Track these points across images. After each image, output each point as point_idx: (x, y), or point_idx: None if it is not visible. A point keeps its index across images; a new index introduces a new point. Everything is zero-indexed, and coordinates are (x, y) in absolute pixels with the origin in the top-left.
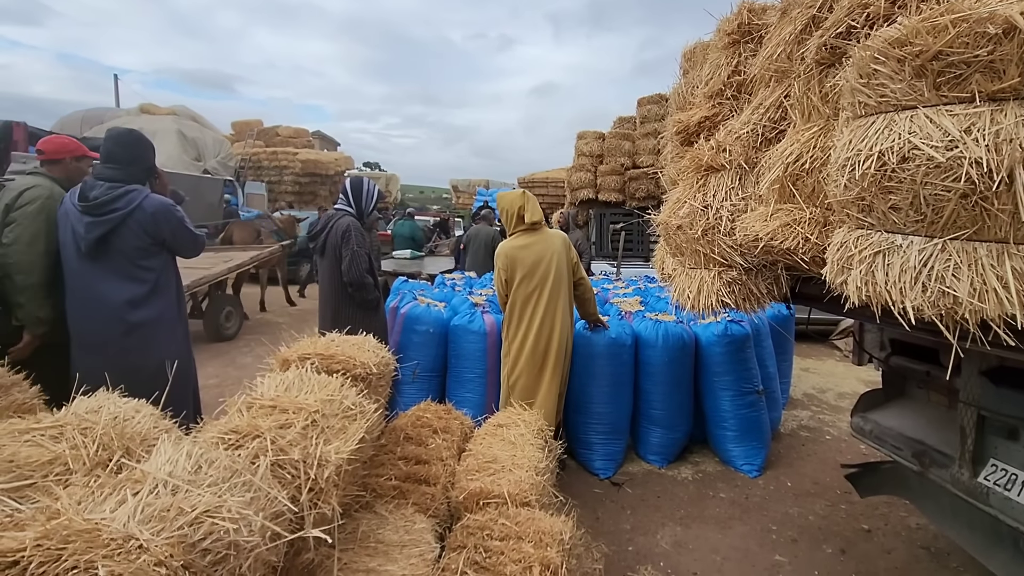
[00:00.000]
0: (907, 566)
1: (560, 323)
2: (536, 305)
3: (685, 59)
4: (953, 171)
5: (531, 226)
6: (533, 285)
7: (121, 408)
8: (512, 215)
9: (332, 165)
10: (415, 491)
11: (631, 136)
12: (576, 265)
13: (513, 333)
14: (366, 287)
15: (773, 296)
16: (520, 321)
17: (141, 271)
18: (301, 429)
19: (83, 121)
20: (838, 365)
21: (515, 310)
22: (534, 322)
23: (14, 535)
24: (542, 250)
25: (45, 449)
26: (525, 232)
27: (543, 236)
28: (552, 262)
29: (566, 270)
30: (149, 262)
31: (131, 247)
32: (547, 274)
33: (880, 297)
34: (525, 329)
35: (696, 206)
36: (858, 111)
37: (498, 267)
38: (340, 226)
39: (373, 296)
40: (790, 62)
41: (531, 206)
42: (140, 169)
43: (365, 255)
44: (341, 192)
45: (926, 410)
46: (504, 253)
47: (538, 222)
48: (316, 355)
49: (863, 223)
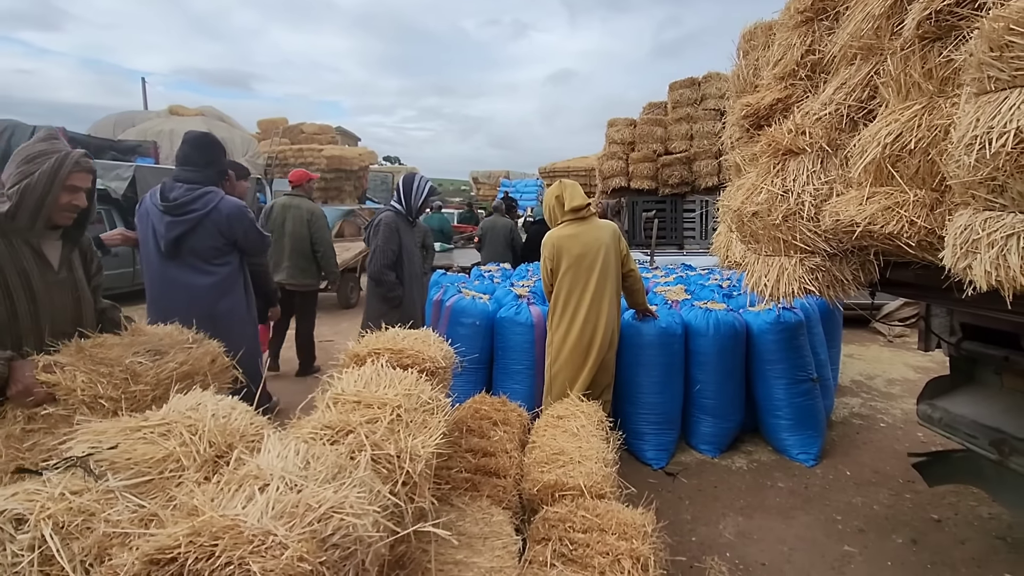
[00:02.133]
0: (984, 557)
1: (606, 316)
2: (581, 297)
3: (744, 40)
4: None
5: (575, 214)
6: (579, 276)
7: (219, 405)
8: (552, 206)
9: (356, 160)
10: (487, 483)
11: (663, 122)
12: (626, 256)
13: (556, 324)
14: (384, 283)
15: (859, 282)
16: (564, 313)
17: (213, 268)
18: (388, 424)
19: (115, 125)
20: (883, 350)
21: (559, 301)
22: (579, 314)
23: (169, 532)
24: (589, 240)
25: (158, 446)
26: (571, 222)
27: (591, 226)
28: (599, 253)
29: (614, 261)
30: (221, 260)
31: (206, 246)
32: (593, 265)
33: (1014, 282)
34: (569, 321)
35: (775, 191)
36: (987, 86)
37: (544, 256)
38: (374, 220)
39: (395, 293)
40: (879, 38)
41: (570, 192)
42: (215, 171)
43: (391, 251)
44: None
45: (1002, 396)
46: (551, 242)
47: (580, 207)
48: (386, 350)
49: (993, 204)
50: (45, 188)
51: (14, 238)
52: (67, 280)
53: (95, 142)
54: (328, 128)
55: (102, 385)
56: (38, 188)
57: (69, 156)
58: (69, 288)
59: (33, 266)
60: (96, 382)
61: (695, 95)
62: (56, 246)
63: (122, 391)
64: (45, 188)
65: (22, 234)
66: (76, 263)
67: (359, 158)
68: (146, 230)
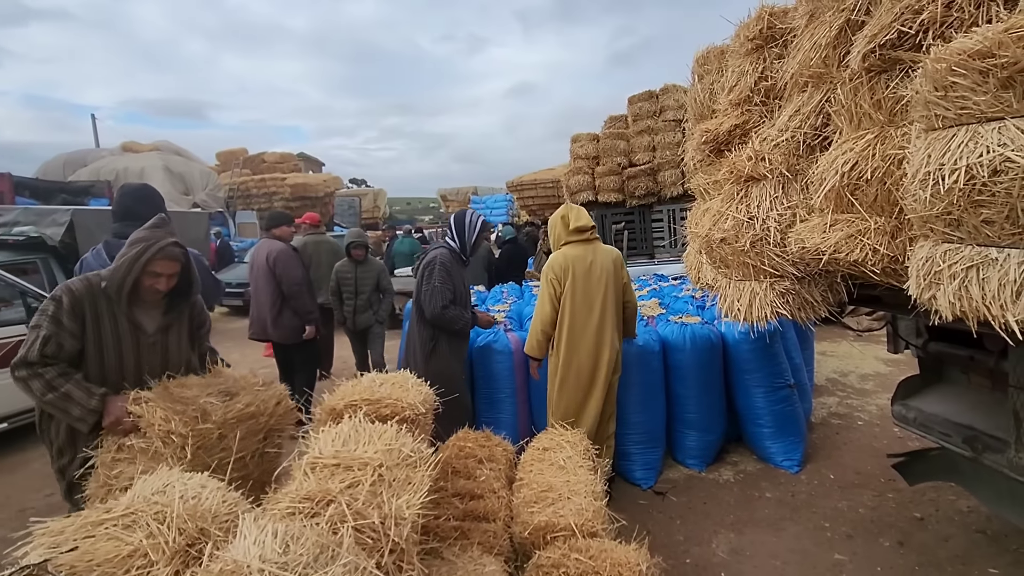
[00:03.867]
0: (968, 553)
1: (610, 343)
2: (588, 317)
3: (698, 64)
4: None
5: (580, 234)
6: (586, 296)
7: (188, 485)
8: (557, 227)
9: (321, 187)
10: (476, 529)
11: (625, 135)
12: (626, 285)
13: (562, 345)
14: (447, 318)
15: (829, 303)
16: (570, 337)
17: None
18: (370, 487)
19: (65, 164)
20: (853, 346)
21: (564, 321)
22: (583, 340)
23: None
24: (596, 262)
25: (122, 542)
26: (577, 243)
27: (596, 249)
28: (604, 275)
29: (615, 289)
30: None
31: None
32: (599, 286)
33: (977, 312)
34: (574, 347)
35: (741, 218)
36: (934, 123)
37: (548, 277)
38: (426, 259)
39: (463, 321)
40: (827, 67)
41: (575, 213)
42: None
43: (449, 291)
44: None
45: (970, 394)
46: (557, 262)
47: (585, 228)
48: (363, 401)
49: (950, 237)
50: (126, 273)
51: (116, 308)
52: (158, 343)
53: (43, 185)
54: (290, 156)
55: (175, 422)
56: (121, 272)
57: (151, 247)
58: (160, 350)
59: (126, 331)
60: (171, 419)
61: (654, 107)
62: (155, 315)
63: (191, 428)
64: (126, 273)
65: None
66: (176, 328)
67: (324, 184)
68: None
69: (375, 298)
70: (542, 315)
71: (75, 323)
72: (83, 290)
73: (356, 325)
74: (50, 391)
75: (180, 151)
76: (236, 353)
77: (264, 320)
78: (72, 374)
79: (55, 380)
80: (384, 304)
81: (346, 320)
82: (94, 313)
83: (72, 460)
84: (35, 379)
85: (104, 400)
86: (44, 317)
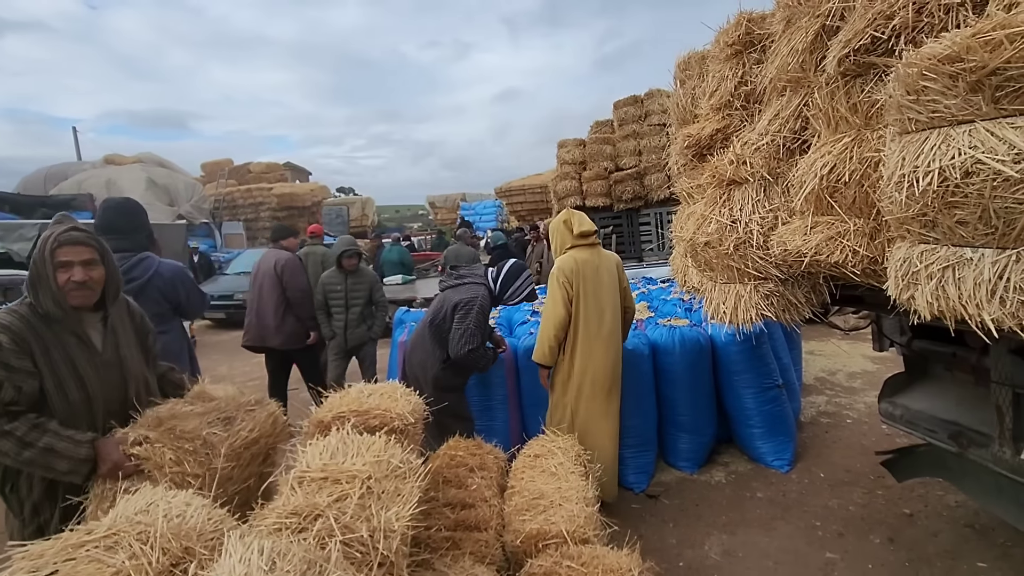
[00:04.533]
0: (956, 548)
1: (621, 347)
2: (600, 325)
3: (680, 69)
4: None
5: (584, 239)
6: (598, 299)
7: (172, 503)
8: (560, 232)
9: (308, 196)
10: (468, 539)
11: (611, 140)
12: (625, 290)
13: (576, 355)
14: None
15: (813, 304)
16: (585, 343)
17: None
18: (358, 500)
19: (47, 179)
20: (841, 344)
21: (577, 330)
22: (598, 345)
23: None
24: (602, 265)
25: (104, 564)
26: (582, 247)
27: (600, 253)
28: (610, 283)
29: (619, 292)
30: (164, 327)
31: (149, 314)
32: (607, 293)
33: (954, 312)
34: (589, 352)
35: (724, 222)
36: (907, 126)
37: (559, 281)
38: (465, 295)
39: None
40: (804, 72)
41: (578, 218)
42: (143, 236)
43: (480, 336)
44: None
45: (954, 390)
46: (567, 264)
47: (589, 232)
48: (351, 412)
49: (926, 238)
50: (43, 274)
51: (57, 330)
52: (113, 360)
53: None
54: (276, 166)
55: (189, 464)
56: (39, 276)
57: (50, 237)
58: (117, 369)
59: (79, 353)
60: (183, 460)
61: (639, 112)
62: (98, 327)
63: (205, 468)
64: (43, 274)
65: (62, 324)
66: (124, 340)
67: (311, 194)
68: None
69: (368, 312)
70: (555, 319)
71: (25, 360)
72: (18, 322)
73: (348, 342)
74: (26, 448)
75: (164, 162)
76: (224, 366)
77: (266, 326)
78: (46, 424)
79: (28, 435)
80: (378, 319)
81: (335, 335)
82: (40, 345)
83: (54, 514)
84: (3, 438)
85: (94, 446)
86: None
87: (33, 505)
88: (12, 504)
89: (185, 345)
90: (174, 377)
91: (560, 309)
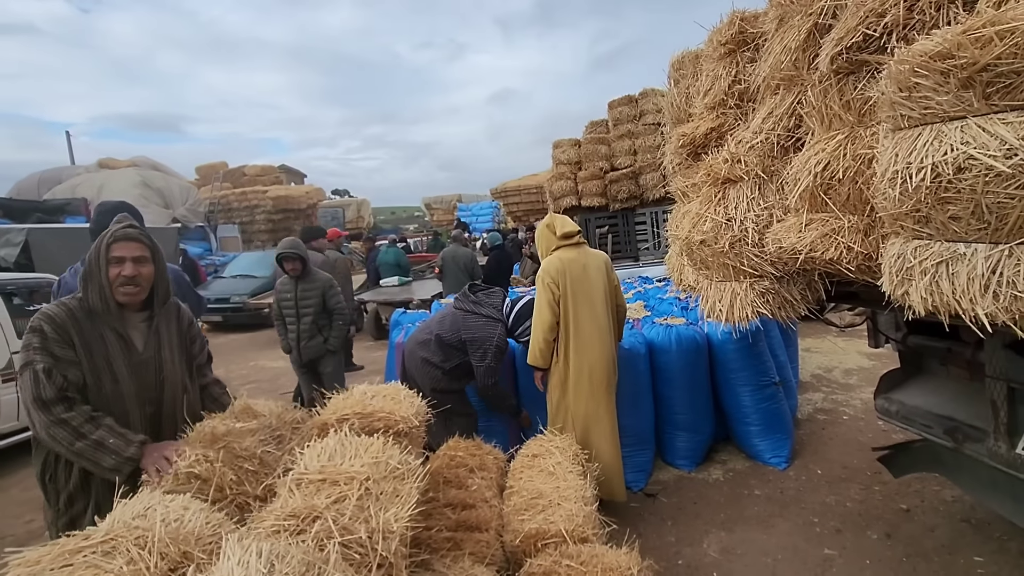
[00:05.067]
0: (953, 542)
1: (614, 344)
2: (592, 323)
3: (674, 69)
4: (1016, 178)
5: (568, 239)
6: (586, 298)
7: (169, 507)
8: (545, 236)
9: (304, 199)
10: (468, 540)
11: (606, 139)
12: (616, 288)
13: (570, 355)
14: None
15: (808, 301)
16: (577, 341)
17: None
18: (357, 501)
19: (40, 183)
20: (837, 341)
21: (568, 329)
22: (591, 342)
23: None
24: (588, 264)
25: (100, 570)
26: (567, 247)
27: (586, 252)
28: (598, 280)
29: (608, 290)
30: None
31: None
32: (596, 287)
33: (948, 306)
34: (583, 350)
35: (719, 220)
36: (900, 123)
37: (545, 282)
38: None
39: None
40: (797, 70)
41: (560, 221)
42: None
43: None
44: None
45: (949, 385)
46: (552, 266)
47: (572, 233)
48: (355, 414)
49: (920, 234)
50: (95, 269)
51: (100, 325)
52: (151, 360)
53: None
54: (271, 168)
55: (250, 484)
56: (91, 271)
57: (106, 234)
58: (154, 370)
59: (117, 351)
60: (245, 480)
61: (634, 111)
62: (141, 328)
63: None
64: (95, 269)
65: (104, 320)
66: (167, 342)
67: (306, 196)
68: None
69: (325, 321)
70: (542, 321)
71: (68, 350)
72: (62, 313)
73: (302, 356)
74: (79, 439)
75: (158, 166)
76: (221, 369)
77: None
78: (101, 419)
79: (84, 426)
80: (335, 329)
81: (291, 350)
82: (82, 339)
83: (87, 507)
84: (58, 427)
85: (143, 448)
86: (33, 351)
87: (68, 495)
88: (50, 494)
89: None
90: (215, 391)
91: (546, 312)
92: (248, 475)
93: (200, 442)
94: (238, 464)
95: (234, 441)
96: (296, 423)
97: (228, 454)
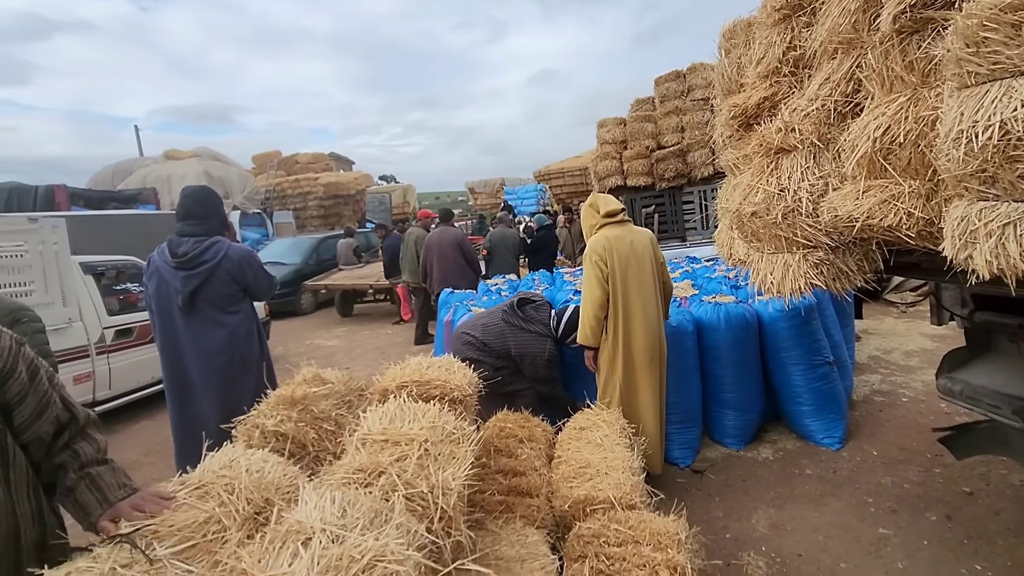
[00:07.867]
0: (1020, 526)
1: (662, 320)
2: (640, 299)
3: (725, 39)
4: None
5: (612, 217)
6: (635, 274)
7: (251, 460)
8: (587, 217)
9: (353, 185)
10: (520, 504)
11: (652, 117)
12: (662, 265)
13: (619, 332)
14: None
15: (865, 271)
16: (626, 318)
17: (228, 317)
18: (417, 460)
19: (114, 174)
20: (897, 323)
21: (618, 306)
22: (640, 319)
23: None
24: (635, 240)
25: (198, 510)
26: (612, 224)
27: (632, 229)
28: (645, 257)
29: (655, 267)
30: (235, 307)
31: (221, 295)
32: (643, 263)
33: (1015, 269)
34: (631, 328)
35: (772, 191)
36: (967, 80)
37: (593, 260)
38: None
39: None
40: (857, 32)
41: (603, 200)
42: (217, 221)
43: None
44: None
45: (1019, 364)
46: (599, 243)
47: (616, 211)
48: (413, 382)
49: (986, 195)
50: None
51: None
52: None
53: (96, 195)
54: (322, 156)
55: (330, 442)
56: None
57: None
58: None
59: None
60: (325, 439)
61: (681, 87)
62: None
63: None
64: None
65: None
66: None
67: (355, 182)
68: (160, 287)
69: None
70: (592, 298)
71: None
72: None
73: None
74: None
75: (218, 156)
76: (280, 347)
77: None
78: None
79: None
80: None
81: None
82: None
83: None
84: None
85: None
86: None
87: None
88: None
89: (254, 327)
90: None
91: (596, 289)
92: (328, 434)
93: (281, 404)
94: (317, 424)
95: (311, 404)
96: (360, 390)
97: (307, 415)
